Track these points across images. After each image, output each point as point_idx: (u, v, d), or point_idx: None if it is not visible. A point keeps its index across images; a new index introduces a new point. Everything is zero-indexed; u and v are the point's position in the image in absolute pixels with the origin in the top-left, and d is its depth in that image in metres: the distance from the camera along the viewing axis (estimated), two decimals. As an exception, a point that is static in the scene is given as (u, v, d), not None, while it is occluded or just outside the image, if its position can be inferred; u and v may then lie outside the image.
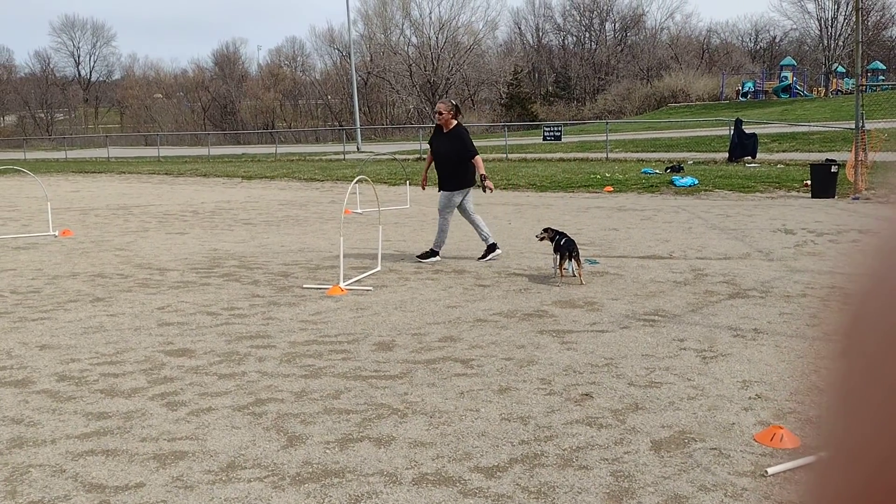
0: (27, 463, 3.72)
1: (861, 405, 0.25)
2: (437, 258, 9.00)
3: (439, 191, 8.96)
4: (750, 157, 20.65)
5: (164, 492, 3.41)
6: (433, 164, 9.00)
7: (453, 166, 8.73)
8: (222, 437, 4.00)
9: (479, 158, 8.74)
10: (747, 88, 50.56)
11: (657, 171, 19.15)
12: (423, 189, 9.86)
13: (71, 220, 14.04)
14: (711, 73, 61.15)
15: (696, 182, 16.40)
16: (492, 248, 8.93)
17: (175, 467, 3.66)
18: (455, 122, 8.84)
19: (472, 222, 8.95)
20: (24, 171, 15.74)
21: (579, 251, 7.58)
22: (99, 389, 4.76)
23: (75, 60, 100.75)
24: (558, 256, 7.59)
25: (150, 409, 4.41)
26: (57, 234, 11.99)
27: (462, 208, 8.92)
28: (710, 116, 37.86)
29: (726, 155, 21.33)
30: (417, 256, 9.09)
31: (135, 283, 8.06)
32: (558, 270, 7.63)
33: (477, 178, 8.87)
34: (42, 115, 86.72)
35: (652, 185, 16.66)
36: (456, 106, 8.90)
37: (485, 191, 8.87)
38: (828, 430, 0.26)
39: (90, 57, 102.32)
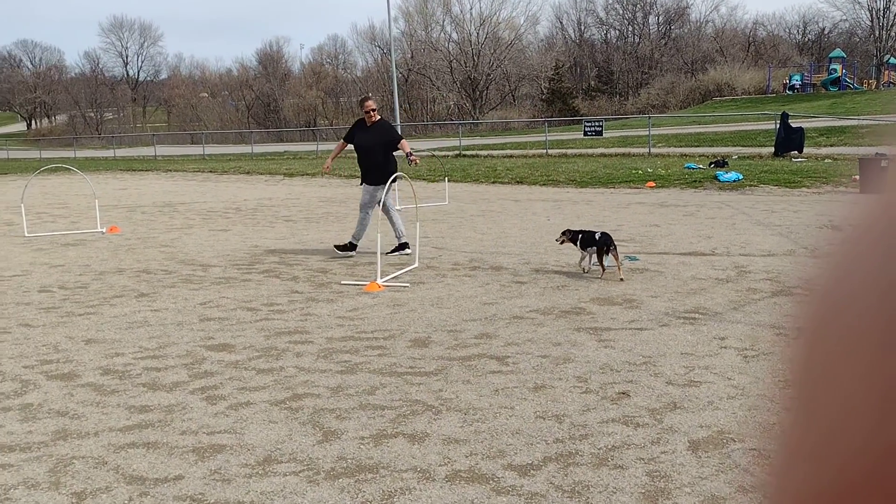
0: (71, 455, 3.82)
1: (822, 403, 0.25)
2: (354, 253, 9.33)
3: (361, 184, 9.40)
4: (796, 152, 20.20)
5: (203, 484, 3.47)
6: (360, 160, 9.39)
7: (380, 157, 9.17)
8: (259, 432, 4.05)
9: (405, 142, 9.36)
10: (794, 81, 49.45)
11: (701, 166, 18.84)
12: (328, 172, 10.49)
13: (118, 217, 14.37)
14: (757, 66, 59.98)
15: (741, 177, 16.10)
16: (403, 245, 9.32)
17: (213, 460, 3.72)
18: (379, 116, 9.40)
19: (391, 219, 9.33)
20: (73, 170, 16.15)
21: (616, 246, 7.51)
22: (141, 383, 4.86)
23: (123, 60, 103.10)
24: (587, 254, 7.66)
25: (191, 403, 4.49)
26: (104, 230, 12.28)
27: (382, 204, 9.23)
28: (755, 110, 37.16)
29: (772, 149, 20.91)
30: (335, 246, 9.46)
31: (178, 279, 8.21)
32: (587, 265, 7.75)
33: (405, 158, 9.35)
34: (92, 115, 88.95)
35: (695, 181, 16.40)
36: None
37: (410, 164, 9.31)
38: (789, 428, 0.26)
39: (138, 57, 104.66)
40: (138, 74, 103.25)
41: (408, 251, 9.24)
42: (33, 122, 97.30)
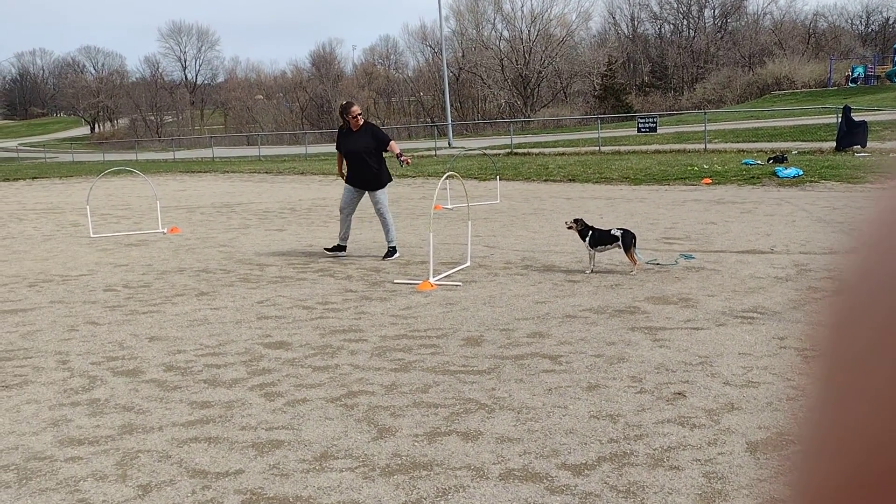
0: (136, 448, 3.96)
1: (848, 398, 0.25)
2: (344, 253, 9.40)
3: (371, 190, 9.21)
4: (859, 147, 19.57)
5: (262, 479, 3.56)
6: (351, 166, 9.27)
7: (373, 162, 9.14)
8: (316, 428, 4.13)
9: (393, 143, 9.28)
10: (857, 74, 47.91)
11: (759, 161, 18.41)
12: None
13: (178, 217, 14.75)
14: (818, 58, 58.25)
15: (801, 173, 15.68)
16: (393, 250, 9.32)
17: (272, 455, 3.81)
18: (363, 121, 9.29)
19: (386, 224, 9.29)
20: (135, 172, 16.64)
21: (637, 243, 7.84)
22: (202, 379, 5.00)
23: (182, 64, 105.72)
24: (596, 252, 7.90)
25: (250, 399, 4.60)
26: (165, 231, 12.62)
27: (380, 212, 9.26)
28: (816, 104, 36.11)
29: (833, 144, 20.30)
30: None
31: (236, 278, 8.40)
32: (594, 265, 7.97)
33: (395, 159, 9.34)
34: (152, 118, 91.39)
35: (753, 177, 16.03)
36: None
37: (402, 165, 9.27)
38: (815, 422, 0.26)
39: (196, 61, 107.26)
40: (196, 78, 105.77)
41: (397, 255, 9.33)
42: (96, 125, 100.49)
